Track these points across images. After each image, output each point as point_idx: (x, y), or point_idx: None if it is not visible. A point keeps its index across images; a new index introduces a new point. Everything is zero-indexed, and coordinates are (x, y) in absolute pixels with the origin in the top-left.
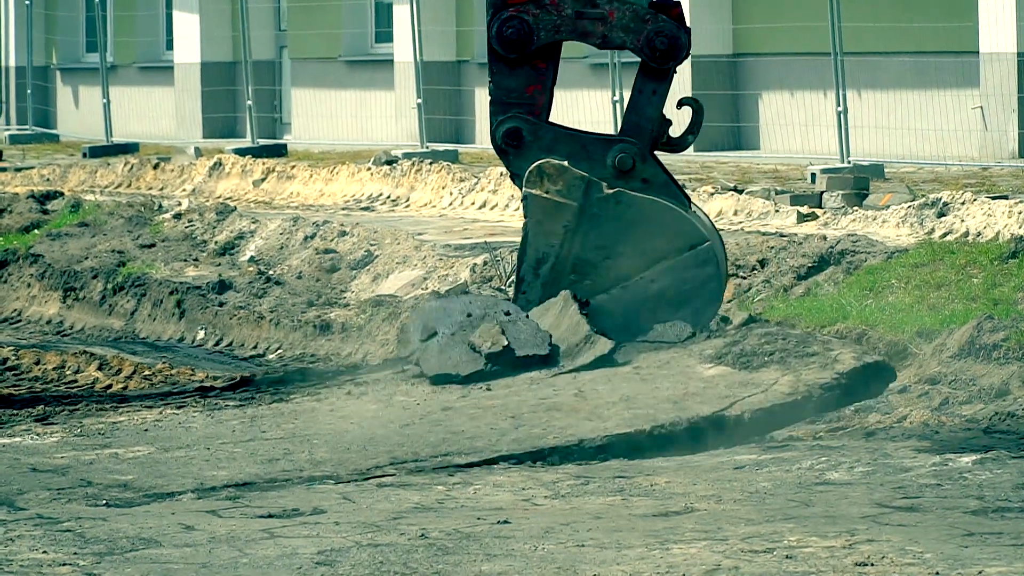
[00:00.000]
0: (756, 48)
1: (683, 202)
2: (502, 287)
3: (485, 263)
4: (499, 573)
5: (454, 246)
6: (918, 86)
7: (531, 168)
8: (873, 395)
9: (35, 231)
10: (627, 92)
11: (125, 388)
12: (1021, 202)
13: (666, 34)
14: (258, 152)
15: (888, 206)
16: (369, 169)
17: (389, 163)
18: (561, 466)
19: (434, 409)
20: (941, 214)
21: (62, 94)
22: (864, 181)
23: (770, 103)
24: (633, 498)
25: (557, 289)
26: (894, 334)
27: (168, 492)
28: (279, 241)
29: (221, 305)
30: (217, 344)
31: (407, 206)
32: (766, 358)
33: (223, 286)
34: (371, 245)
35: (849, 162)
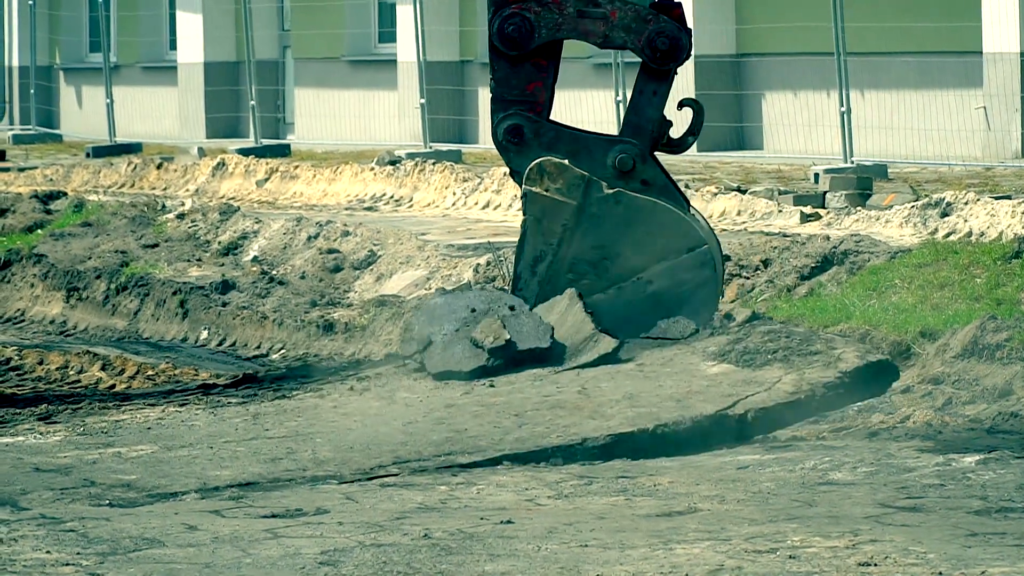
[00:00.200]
0: (759, 48)
1: (682, 204)
2: (505, 287)
3: (488, 263)
4: (502, 573)
5: (457, 246)
6: (921, 86)
7: (531, 166)
8: (876, 394)
9: (38, 231)
10: (630, 92)
11: (128, 388)
12: None
13: (667, 35)
14: (261, 152)
15: (891, 206)
16: (372, 169)
17: (392, 163)
18: (564, 466)
19: (437, 406)
20: (944, 214)
21: (65, 94)
22: (867, 181)
23: (773, 103)
24: (636, 498)
25: (554, 288)
26: (897, 334)
27: (171, 492)
28: (282, 241)
29: (224, 305)
30: (220, 344)
31: (410, 206)
32: (769, 356)
33: (226, 286)
34: (374, 245)
35: (852, 162)
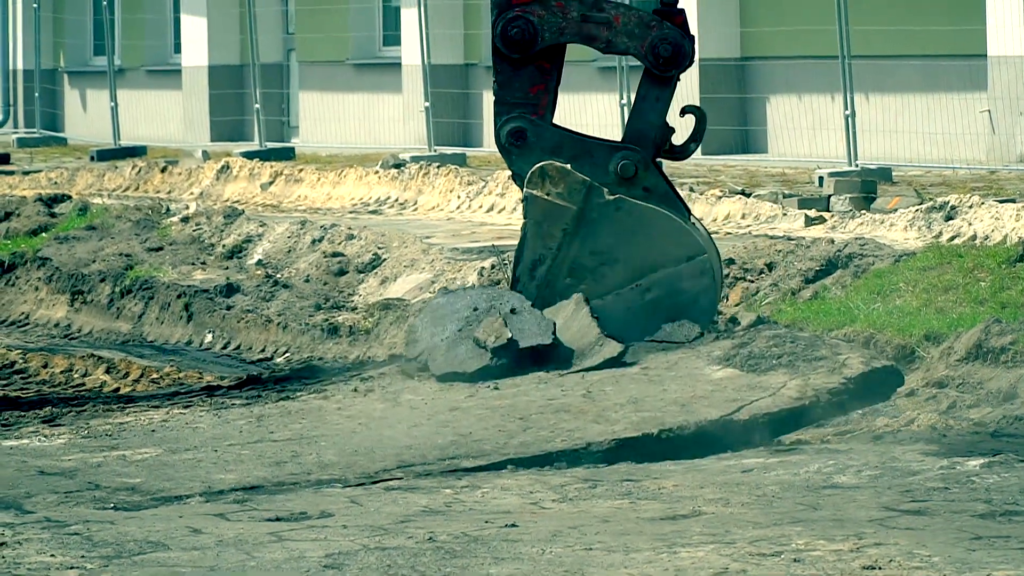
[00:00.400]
0: (763, 51)
1: (683, 213)
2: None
3: (493, 266)
4: None
5: (462, 249)
6: (926, 89)
7: (533, 169)
8: (881, 400)
9: (43, 234)
10: (634, 96)
11: (132, 391)
12: None
13: (670, 41)
14: (266, 155)
15: (896, 209)
16: (377, 172)
17: (397, 166)
18: (569, 469)
19: (441, 409)
20: (949, 218)
21: (70, 97)
22: (872, 185)
23: (778, 106)
24: (641, 501)
25: (552, 291)
26: (902, 337)
27: (176, 495)
28: (287, 244)
29: (229, 308)
30: (225, 347)
31: (415, 209)
32: (774, 361)
33: (231, 289)
34: (379, 248)
35: (857, 165)
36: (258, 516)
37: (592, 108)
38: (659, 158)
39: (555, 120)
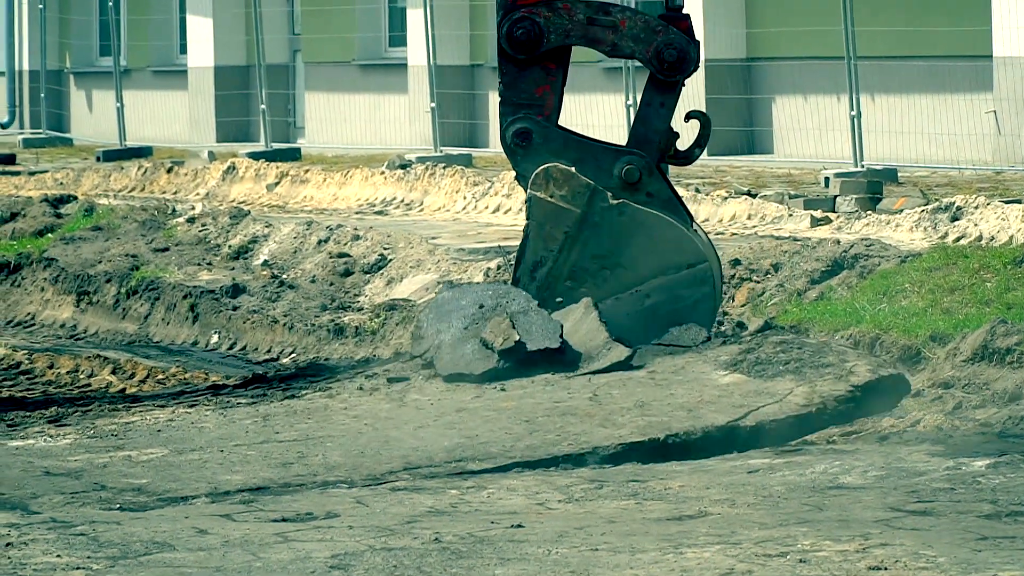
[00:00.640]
0: (769, 52)
1: (685, 220)
2: None
3: (499, 267)
4: None
5: (468, 250)
6: (931, 90)
7: (538, 171)
8: (887, 408)
9: (49, 235)
10: (640, 96)
11: (138, 391)
12: None
13: (675, 47)
14: (272, 156)
15: (901, 210)
16: (383, 173)
17: (403, 167)
18: (575, 470)
19: (448, 410)
20: (954, 218)
21: (76, 98)
22: (877, 185)
23: (784, 107)
24: (647, 502)
25: (552, 294)
26: (907, 338)
27: (182, 496)
28: (293, 245)
29: (235, 309)
30: (231, 348)
31: (421, 210)
32: (781, 367)
33: (237, 290)
34: (385, 249)
35: (863, 166)
36: (264, 517)
37: (598, 109)
38: (664, 163)
39: (561, 120)
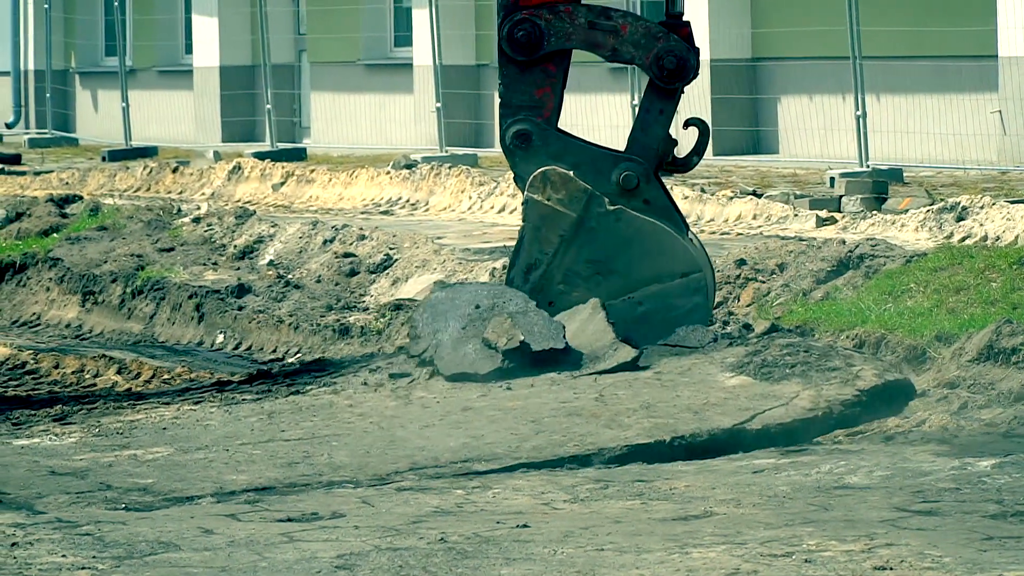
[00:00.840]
0: (775, 52)
1: (681, 228)
2: None
3: (504, 267)
4: None
5: (473, 250)
6: (937, 90)
7: (536, 173)
8: (894, 413)
9: (54, 235)
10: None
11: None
12: None
13: (676, 54)
14: (277, 156)
15: (907, 210)
16: (388, 173)
17: (408, 167)
18: (580, 470)
19: (454, 409)
20: (960, 218)
21: (81, 98)
22: (883, 185)
23: (789, 107)
24: (652, 502)
25: (544, 297)
26: (913, 338)
27: (187, 496)
28: (298, 245)
29: (240, 309)
30: (236, 348)
31: (426, 210)
32: (787, 370)
33: (242, 290)
34: (390, 249)
35: (868, 166)
36: (270, 517)
37: (603, 109)
38: (662, 171)
39: (565, 119)
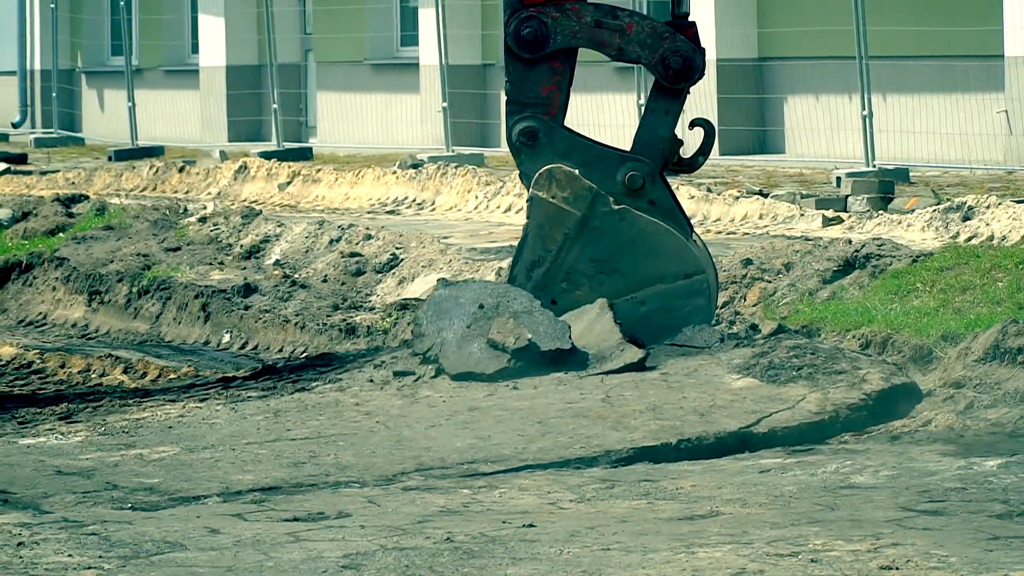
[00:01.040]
0: (781, 52)
1: (685, 230)
2: None
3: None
4: None
5: (480, 250)
6: (943, 90)
7: (541, 171)
8: (900, 416)
9: (60, 234)
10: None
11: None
12: None
13: (681, 54)
14: (283, 155)
15: (913, 210)
16: (395, 173)
17: (414, 167)
18: (587, 470)
19: (460, 409)
20: (966, 218)
21: (87, 97)
22: (889, 185)
23: (795, 107)
24: (659, 502)
25: (547, 295)
26: (919, 338)
27: (194, 496)
28: (304, 244)
29: (246, 308)
30: (243, 347)
31: (432, 210)
32: (794, 372)
33: (248, 289)
34: (396, 248)
35: (874, 166)
36: (276, 516)
37: (609, 108)
38: (667, 171)
39: (572, 118)
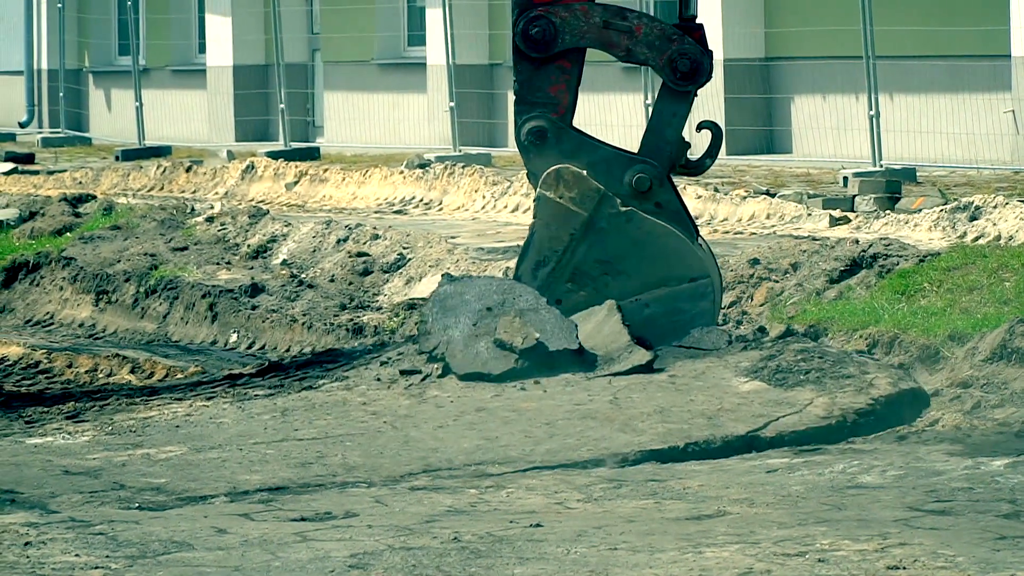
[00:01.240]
0: (788, 52)
1: (691, 233)
2: None
3: None
4: None
5: (487, 249)
6: (950, 90)
7: (549, 171)
8: (907, 422)
9: (67, 234)
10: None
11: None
12: None
13: (689, 56)
14: (291, 155)
15: (920, 210)
16: (402, 172)
17: (422, 166)
18: (594, 469)
19: (467, 409)
20: (973, 218)
21: (94, 97)
22: (896, 185)
23: (802, 107)
24: (666, 501)
25: (551, 295)
26: (926, 338)
27: (201, 495)
28: (312, 244)
29: (254, 308)
30: (250, 347)
31: (440, 209)
32: (802, 376)
33: (256, 289)
34: (404, 248)
35: (881, 166)
36: (283, 516)
37: (616, 108)
38: (674, 173)
39: (579, 118)
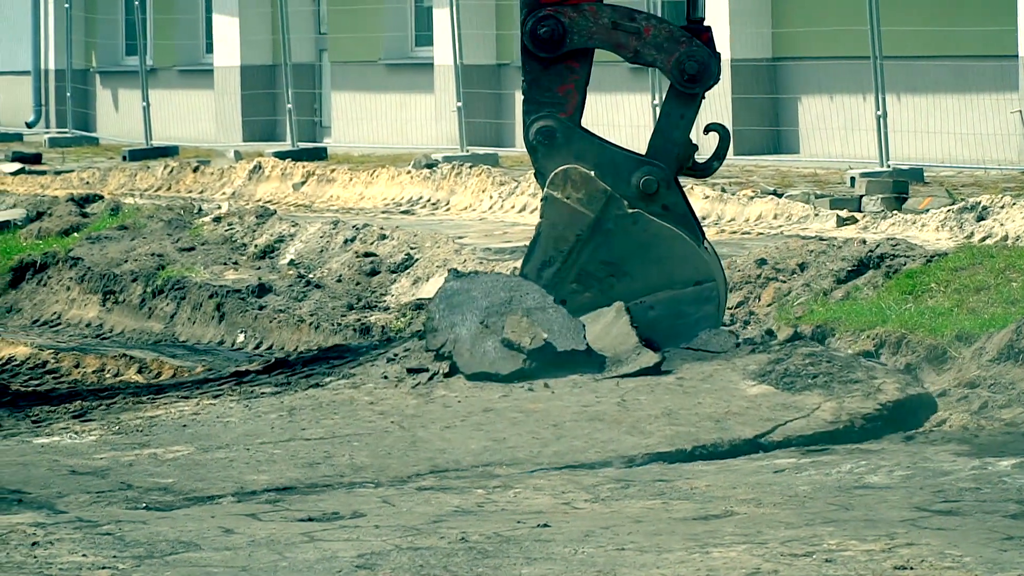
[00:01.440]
0: (795, 52)
1: (697, 236)
2: None
3: None
4: None
5: (494, 249)
6: (957, 90)
7: (557, 171)
8: (914, 427)
9: (75, 234)
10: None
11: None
12: None
13: (697, 59)
14: (298, 155)
15: (927, 210)
16: (409, 172)
17: (429, 166)
18: (601, 470)
19: (475, 410)
20: (980, 218)
21: (102, 97)
22: (903, 185)
23: (809, 107)
24: (673, 502)
25: (556, 295)
26: (933, 338)
27: (208, 495)
28: (319, 244)
29: (261, 308)
30: (257, 347)
31: (447, 210)
32: (810, 380)
33: (263, 289)
34: (411, 248)
35: (888, 166)
36: (290, 516)
37: (624, 108)
38: (681, 175)
39: (586, 118)
